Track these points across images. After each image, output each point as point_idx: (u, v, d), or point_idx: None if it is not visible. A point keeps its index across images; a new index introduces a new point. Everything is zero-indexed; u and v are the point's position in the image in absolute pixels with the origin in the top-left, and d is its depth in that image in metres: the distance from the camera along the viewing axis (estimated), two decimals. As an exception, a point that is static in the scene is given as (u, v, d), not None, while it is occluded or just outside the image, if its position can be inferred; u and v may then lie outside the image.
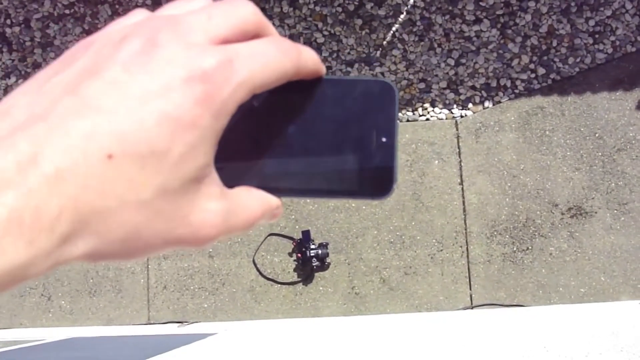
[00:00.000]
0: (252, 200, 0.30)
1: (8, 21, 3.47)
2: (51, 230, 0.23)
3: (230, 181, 0.29)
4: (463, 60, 3.29)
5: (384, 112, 0.32)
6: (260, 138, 0.32)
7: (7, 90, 3.48)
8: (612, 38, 3.23)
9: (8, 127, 0.24)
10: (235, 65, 0.26)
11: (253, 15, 0.29)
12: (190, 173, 0.26)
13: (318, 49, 3.33)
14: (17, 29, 3.46)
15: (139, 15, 0.29)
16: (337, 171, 0.32)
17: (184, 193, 0.26)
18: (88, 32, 3.44)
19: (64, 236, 0.23)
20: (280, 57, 0.29)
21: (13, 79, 3.47)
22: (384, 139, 0.32)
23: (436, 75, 3.30)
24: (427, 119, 3.29)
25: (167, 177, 0.25)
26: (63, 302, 3.28)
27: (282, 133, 0.32)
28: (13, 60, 3.47)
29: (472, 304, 3.14)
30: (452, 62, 3.29)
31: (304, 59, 0.30)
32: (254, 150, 0.32)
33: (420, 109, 3.29)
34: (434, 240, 3.18)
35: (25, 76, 3.47)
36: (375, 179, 0.32)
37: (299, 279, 3.21)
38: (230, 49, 0.27)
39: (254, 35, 0.29)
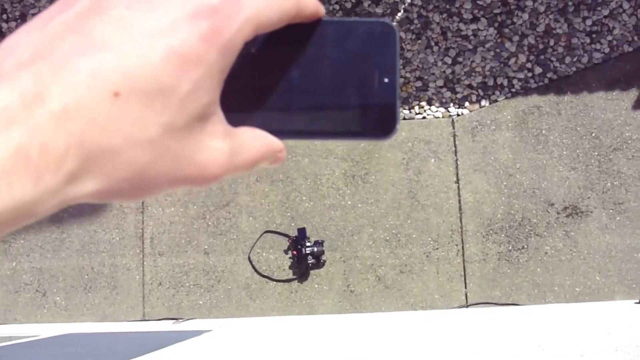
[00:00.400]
0: (256, 141, 0.30)
1: (4, 16, 3.46)
2: (58, 168, 0.23)
3: (234, 122, 0.29)
4: (460, 59, 3.29)
5: (385, 52, 0.32)
6: (263, 81, 0.32)
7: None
8: (609, 38, 3.23)
9: (12, 65, 0.24)
10: (241, 1, 0.26)
11: None
12: (196, 110, 0.26)
13: (315, 46, 3.33)
14: (13, 24, 3.45)
15: None
16: (340, 111, 0.32)
17: (189, 131, 0.26)
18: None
19: (71, 174, 0.23)
20: None
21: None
22: (385, 79, 0.32)
23: (433, 74, 3.30)
24: (424, 117, 3.29)
25: (174, 115, 0.25)
26: (58, 298, 3.28)
27: (284, 75, 0.32)
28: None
29: (467, 302, 3.14)
30: (449, 61, 3.29)
31: (305, 0, 0.30)
32: (257, 93, 0.32)
33: (417, 107, 3.29)
34: (429, 239, 3.18)
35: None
36: (378, 119, 0.32)
37: (295, 277, 3.21)
38: None
39: None
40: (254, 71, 0.31)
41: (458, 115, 3.27)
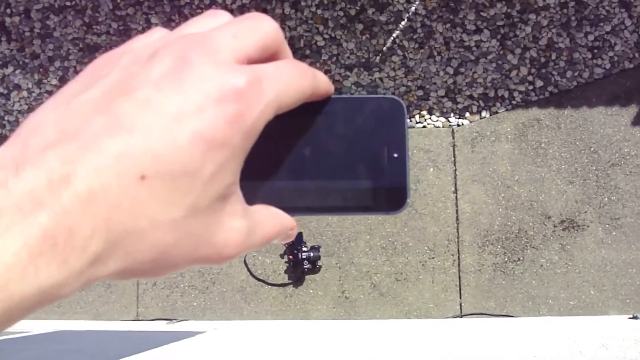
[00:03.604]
0: (270, 220, 0.31)
1: (8, 10, 3.46)
2: (84, 251, 0.23)
3: (247, 199, 0.29)
4: (462, 70, 3.30)
5: (394, 128, 0.33)
6: (275, 158, 0.32)
7: (3, 79, 3.47)
8: (611, 54, 3.25)
9: (39, 145, 0.24)
10: (264, 85, 0.27)
11: (275, 32, 0.29)
12: (218, 191, 0.26)
13: (318, 52, 3.34)
14: (17, 18, 3.45)
15: (159, 32, 0.29)
16: (351, 188, 0.33)
17: (212, 212, 0.26)
18: (88, 25, 3.43)
19: (96, 256, 0.23)
20: (300, 78, 0.29)
21: (11, 68, 3.45)
22: (395, 155, 0.33)
23: (434, 83, 3.31)
24: (424, 127, 3.30)
25: (198, 196, 0.25)
26: (51, 294, 3.26)
27: (296, 153, 0.32)
28: (11, 50, 3.46)
29: (461, 312, 3.14)
30: (451, 71, 3.30)
31: (318, 80, 0.31)
32: (270, 170, 0.32)
33: (417, 116, 3.30)
34: (425, 248, 3.18)
35: (23, 66, 3.46)
36: (388, 194, 0.33)
37: (290, 281, 3.20)
38: (258, 68, 0.27)
39: (274, 52, 0.30)
40: (267, 148, 0.32)
41: (458, 125, 3.28)
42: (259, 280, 3.21)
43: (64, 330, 3.01)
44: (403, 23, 3.33)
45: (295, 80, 0.29)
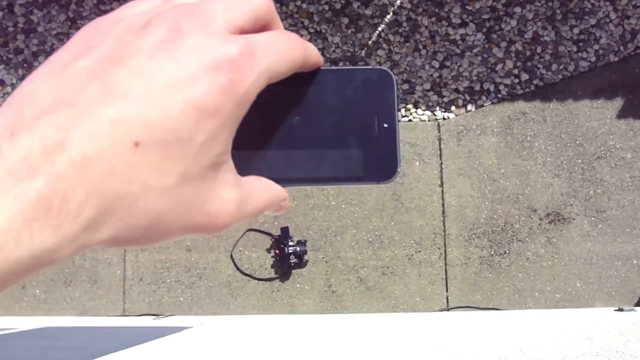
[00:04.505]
0: (262, 190, 0.31)
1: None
2: (77, 216, 0.23)
3: (239, 170, 0.30)
4: (447, 63, 3.30)
5: (383, 98, 0.34)
6: (266, 129, 0.33)
7: (-12, 75, 3.45)
8: (596, 47, 3.26)
9: (33, 112, 0.24)
10: (256, 54, 0.27)
11: (266, 3, 0.30)
12: (210, 160, 0.26)
13: (304, 46, 3.33)
14: (0, 13, 3.43)
15: (151, 1, 0.30)
16: (342, 158, 0.33)
17: (203, 179, 0.27)
18: (72, 20, 3.41)
19: (90, 222, 0.24)
20: (292, 48, 0.29)
21: (-5, 64, 3.43)
22: (385, 125, 0.33)
23: (420, 77, 3.31)
24: (410, 120, 3.30)
25: (190, 163, 0.26)
26: (37, 291, 3.26)
27: (287, 124, 0.33)
28: (-5, 46, 3.44)
29: (448, 305, 3.15)
30: (437, 65, 3.30)
31: (309, 50, 0.31)
32: (261, 141, 0.33)
33: (403, 110, 3.30)
34: (412, 241, 3.18)
35: (7, 62, 3.44)
36: (379, 164, 0.33)
37: (276, 276, 3.20)
38: (251, 38, 0.28)
39: (265, 24, 0.30)
40: (257, 119, 0.32)
41: (444, 119, 3.29)
42: (245, 275, 3.21)
43: (50, 327, 3.00)
44: (388, 17, 3.33)
45: (287, 50, 0.29)
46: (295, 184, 0.33)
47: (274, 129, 0.33)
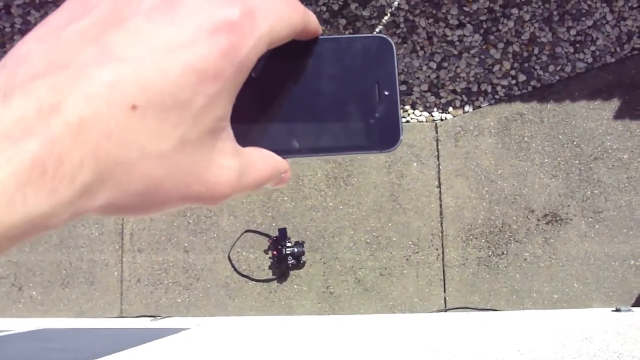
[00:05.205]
0: (263, 161, 0.30)
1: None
2: (73, 180, 0.22)
3: (240, 141, 0.29)
4: (445, 64, 3.31)
5: (383, 66, 0.33)
6: (267, 100, 0.32)
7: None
8: (593, 48, 3.27)
9: (27, 74, 0.23)
10: (256, 17, 0.27)
11: None
12: (208, 124, 0.26)
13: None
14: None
15: None
16: (343, 126, 0.33)
17: (201, 146, 0.26)
18: (70, 21, 3.41)
19: (85, 187, 0.23)
20: (292, 12, 0.29)
21: (-8, 65, 3.42)
22: (386, 92, 0.33)
23: (418, 78, 3.31)
24: (407, 121, 3.30)
25: (188, 128, 0.25)
26: (34, 292, 3.25)
27: (287, 94, 0.32)
28: (-8, 47, 3.44)
29: (445, 306, 3.15)
30: (434, 66, 3.31)
31: (309, 16, 0.31)
32: (262, 112, 0.32)
33: (400, 111, 3.30)
34: (410, 242, 3.18)
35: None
36: (381, 132, 0.33)
37: (274, 277, 3.20)
38: (251, 1, 0.27)
39: None
40: (258, 90, 0.32)
41: (441, 120, 3.29)
42: (243, 276, 3.20)
43: (47, 329, 2.99)
44: (386, 18, 3.34)
45: (287, 14, 0.29)
46: (297, 155, 0.33)
47: (274, 99, 0.32)
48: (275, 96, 0.32)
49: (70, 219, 0.24)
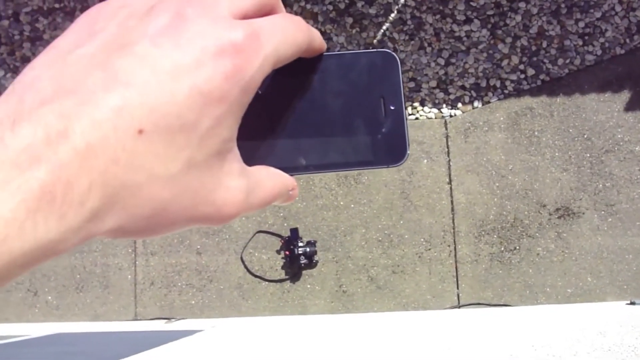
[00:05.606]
0: (270, 180, 0.31)
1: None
2: (81, 206, 0.23)
3: (246, 159, 0.29)
4: (453, 60, 3.29)
5: (388, 80, 0.33)
6: (273, 117, 0.32)
7: (-5, 84, 3.46)
8: (602, 40, 3.24)
9: (35, 101, 0.23)
10: (261, 39, 0.27)
11: None
12: (215, 146, 0.26)
13: (308, 46, 3.33)
14: (5, 22, 3.44)
15: None
16: (350, 143, 0.33)
17: (208, 167, 0.26)
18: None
19: (94, 211, 0.23)
20: (296, 31, 0.29)
21: (1, 72, 3.45)
22: (392, 107, 0.33)
23: (426, 75, 3.30)
24: (417, 118, 3.29)
25: (194, 151, 0.25)
26: (49, 297, 3.27)
27: (293, 111, 0.32)
28: (1, 54, 3.45)
29: (459, 303, 3.14)
30: (442, 62, 3.30)
31: (313, 34, 0.31)
32: (268, 130, 0.32)
33: (409, 108, 3.30)
34: (422, 239, 3.18)
35: (14, 70, 3.45)
36: (388, 147, 0.33)
37: (287, 277, 3.21)
38: (255, 23, 0.27)
39: (270, 8, 0.30)
40: (264, 108, 0.32)
41: (451, 116, 3.28)
42: (256, 276, 3.21)
43: (63, 333, 3.01)
44: (393, 15, 3.33)
45: (292, 34, 0.29)
46: (304, 172, 0.33)
47: (280, 117, 0.32)
48: (281, 114, 0.32)
49: (79, 243, 0.24)
